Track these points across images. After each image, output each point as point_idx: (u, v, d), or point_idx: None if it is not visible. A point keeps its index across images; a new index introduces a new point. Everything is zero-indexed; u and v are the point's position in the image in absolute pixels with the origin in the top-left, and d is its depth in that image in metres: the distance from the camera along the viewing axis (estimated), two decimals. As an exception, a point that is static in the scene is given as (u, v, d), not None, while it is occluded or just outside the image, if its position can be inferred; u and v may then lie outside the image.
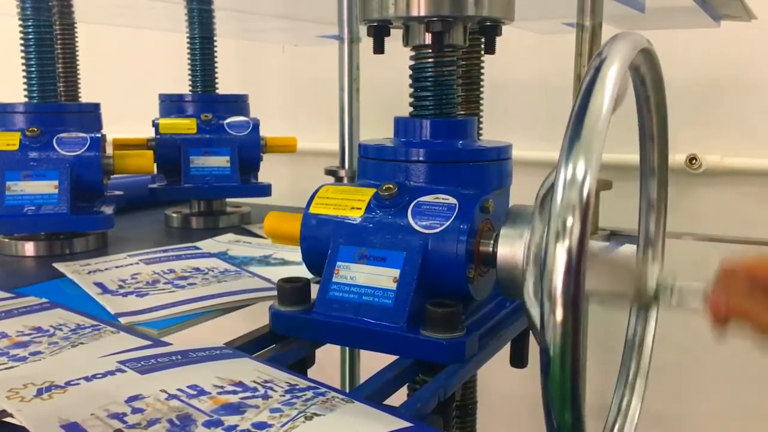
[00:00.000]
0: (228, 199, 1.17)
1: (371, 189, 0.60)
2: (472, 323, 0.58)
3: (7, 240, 0.91)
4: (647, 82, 0.55)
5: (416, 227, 0.57)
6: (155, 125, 1.08)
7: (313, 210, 0.61)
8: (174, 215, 1.11)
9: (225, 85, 1.18)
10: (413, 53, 0.65)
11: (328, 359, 0.64)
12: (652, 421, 0.61)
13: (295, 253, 0.88)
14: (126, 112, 1.26)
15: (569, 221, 0.39)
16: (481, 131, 0.89)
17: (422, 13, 0.61)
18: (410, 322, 0.55)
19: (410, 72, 0.65)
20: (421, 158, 0.61)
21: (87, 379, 0.46)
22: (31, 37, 0.93)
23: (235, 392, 0.45)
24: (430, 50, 0.63)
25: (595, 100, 0.42)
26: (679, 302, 0.55)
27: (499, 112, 1.03)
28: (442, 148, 0.62)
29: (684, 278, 0.56)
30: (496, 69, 0.91)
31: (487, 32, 0.65)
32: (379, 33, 0.65)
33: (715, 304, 0.50)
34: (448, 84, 0.64)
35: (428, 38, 0.62)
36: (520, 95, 1.41)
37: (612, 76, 0.43)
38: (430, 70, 0.63)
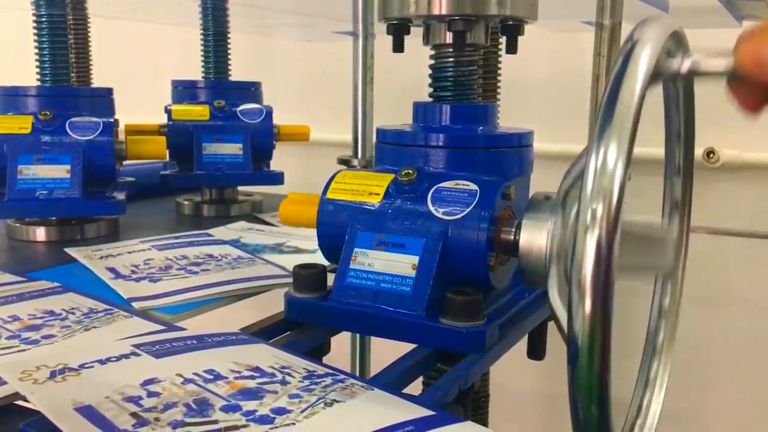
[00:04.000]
0: (240, 188, 1.16)
1: (390, 174, 0.59)
2: (492, 312, 0.57)
3: (18, 225, 0.90)
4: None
5: (436, 213, 0.56)
6: (168, 111, 1.07)
7: (330, 195, 0.60)
8: (185, 203, 1.10)
9: (237, 74, 1.17)
10: (433, 52, 0.63)
11: (337, 349, 0.63)
12: (665, 417, 0.60)
13: (308, 242, 0.87)
14: (138, 98, 1.25)
15: (600, 209, 0.38)
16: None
17: (444, 12, 0.59)
18: (429, 310, 0.54)
19: (430, 71, 0.64)
20: (440, 143, 0.59)
21: (101, 362, 0.45)
22: (44, 20, 0.92)
23: (252, 377, 0.44)
24: (451, 49, 0.62)
25: (627, 84, 0.41)
26: (692, 68, 0.43)
27: (510, 108, 1.01)
28: (463, 133, 0.61)
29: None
30: (506, 66, 0.90)
31: (509, 32, 0.64)
32: (399, 32, 0.64)
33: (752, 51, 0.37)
34: (468, 84, 0.63)
35: (449, 37, 0.61)
36: (531, 92, 1.39)
37: (645, 59, 0.42)
38: (450, 69, 0.62)
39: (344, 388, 0.43)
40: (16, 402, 0.44)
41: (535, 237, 0.53)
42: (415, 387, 0.54)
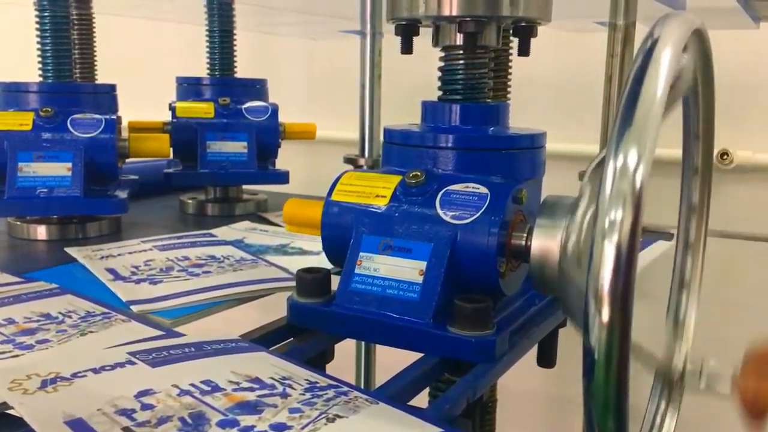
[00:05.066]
0: (244, 186, 1.14)
1: (397, 176, 0.57)
2: (502, 320, 0.55)
3: (18, 223, 0.89)
4: (697, 68, 0.51)
5: (445, 217, 0.54)
6: (172, 109, 1.05)
7: (335, 197, 0.58)
8: (189, 201, 1.08)
9: (242, 72, 1.15)
10: (443, 54, 0.61)
11: (341, 355, 0.61)
12: (680, 423, 0.58)
13: (313, 243, 0.85)
14: (142, 95, 1.24)
15: (619, 214, 0.36)
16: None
17: (454, 13, 0.57)
18: (437, 318, 0.52)
19: (439, 74, 0.62)
20: (450, 144, 0.57)
21: (95, 371, 0.43)
22: (46, 14, 0.90)
23: (251, 389, 0.42)
24: (461, 51, 0.60)
25: (648, 83, 0.39)
26: (708, 387, 0.50)
27: (518, 108, 1.00)
28: (473, 134, 0.59)
29: (714, 360, 0.52)
30: (515, 65, 0.88)
31: (522, 33, 0.62)
32: (408, 32, 0.62)
33: (744, 390, 0.45)
34: (479, 88, 0.61)
35: (459, 39, 0.59)
36: (540, 91, 1.37)
37: (666, 57, 0.40)
38: (460, 72, 0.60)
39: (347, 401, 0.41)
40: (7, 411, 0.42)
41: (547, 242, 0.51)
42: (421, 396, 0.53)
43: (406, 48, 0.62)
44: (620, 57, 0.97)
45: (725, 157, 1.25)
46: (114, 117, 0.89)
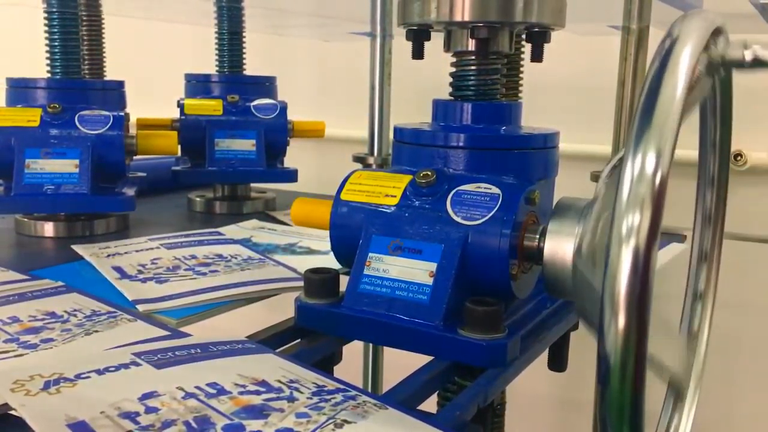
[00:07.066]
0: (252, 185, 1.13)
1: (407, 176, 0.56)
2: (513, 323, 0.54)
3: (26, 220, 0.88)
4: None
5: (456, 218, 0.53)
6: (180, 106, 1.05)
7: (344, 197, 0.58)
8: (197, 199, 1.08)
9: (252, 70, 1.15)
10: (454, 60, 0.60)
11: (349, 357, 0.60)
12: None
13: (321, 242, 0.84)
14: (150, 92, 1.23)
15: (637, 217, 0.35)
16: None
17: (467, 19, 0.56)
18: (447, 321, 0.51)
19: (451, 79, 0.61)
20: (461, 144, 0.56)
21: (99, 372, 0.42)
22: (55, 10, 0.90)
23: (258, 392, 0.41)
24: (474, 57, 0.59)
25: (667, 84, 0.38)
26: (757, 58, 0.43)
27: (529, 107, 0.99)
28: (485, 133, 0.58)
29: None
30: (525, 64, 0.87)
31: (535, 39, 0.61)
32: (419, 38, 0.61)
33: None
34: (491, 94, 0.60)
35: (472, 44, 0.58)
36: (551, 90, 1.35)
37: (686, 57, 0.39)
38: (472, 78, 0.59)
39: (356, 406, 0.40)
40: (10, 412, 0.41)
41: (560, 245, 0.50)
42: (430, 399, 0.52)
43: (418, 53, 0.61)
44: (633, 60, 0.96)
45: (739, 158, 1.23)
46: (122, 114, 0.89)
